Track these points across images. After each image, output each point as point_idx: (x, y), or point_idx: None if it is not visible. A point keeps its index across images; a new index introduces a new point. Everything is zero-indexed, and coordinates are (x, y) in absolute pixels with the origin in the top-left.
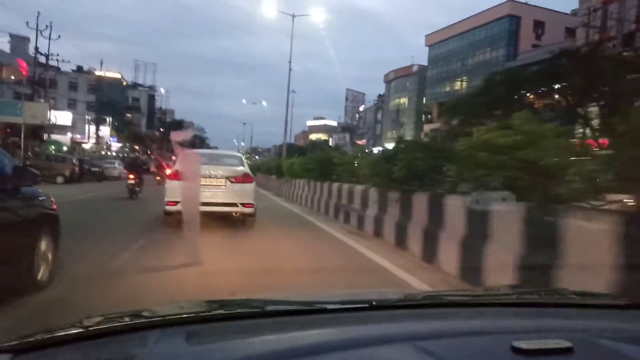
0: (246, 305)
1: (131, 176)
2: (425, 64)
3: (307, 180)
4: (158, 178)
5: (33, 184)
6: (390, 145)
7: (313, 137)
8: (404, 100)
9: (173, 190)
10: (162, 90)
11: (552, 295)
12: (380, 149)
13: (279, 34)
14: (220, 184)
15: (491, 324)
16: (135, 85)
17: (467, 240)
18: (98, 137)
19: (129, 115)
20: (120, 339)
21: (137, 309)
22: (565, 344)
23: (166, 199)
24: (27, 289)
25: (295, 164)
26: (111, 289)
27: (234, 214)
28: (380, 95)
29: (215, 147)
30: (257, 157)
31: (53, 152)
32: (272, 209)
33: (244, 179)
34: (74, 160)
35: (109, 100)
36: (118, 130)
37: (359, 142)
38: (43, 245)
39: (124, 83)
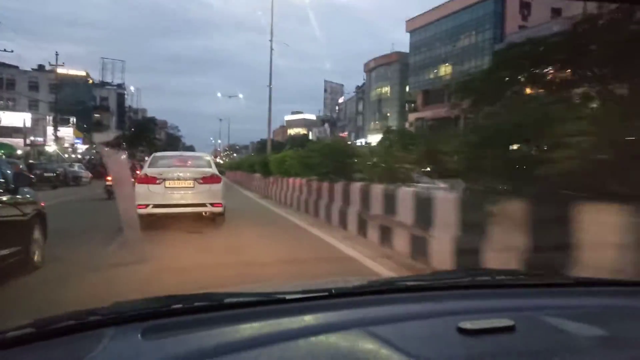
0: (204, 298)
1: (109, 178)
2: (406, 52)
3: (307, 180)
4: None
5: (28, 186)
6: (374, 137)
7: (292, 131)
8: (385, 90)
9: (142, 193)
10: (132, 89)
11: (503, 276)
12: (363, 141)
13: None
14: (188, 185)
15: (440, 307)
16: (103, 84)
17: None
18: (57, 138)
19: (97, 115)
20: (75, 338)
21: (92, 307)
22: (508, 322)
23: (137, 203)
24: (27, 268)
25: (288, 158)
26: (90, 274)
27: (203, 213)
28: (358, 86)
29: (191, 146)
30: (234, 154)
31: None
32: (262, 217)
33: (211, 179)
34: (21, 165)
35: (74, 99)
36: (84, 131)
37: (340, 134)
38: (36, 234)
39: (90, 81)
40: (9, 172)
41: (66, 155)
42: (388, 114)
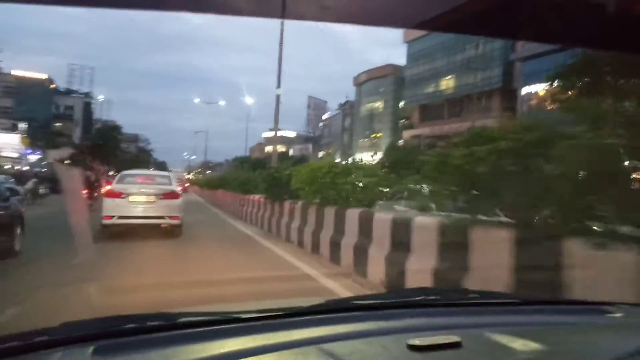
0: (158, 318)
1: (84, 191)
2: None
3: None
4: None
5: (15, 195)
6: (362, 155)
7: (269, 149)
8: (377, 105)
9: (109, 206)
10: (100, 98)
11: (453, 294)
12: (351, 159)
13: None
14: (150, 200)
15: (391, 324)
16: (68, 92)
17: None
18: None
19: (57, 124)
20: (21, 359)
21: (40, 328)
22: (455, 338)
23: (103, 214)
24: (11, 253)
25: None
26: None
27: (161, 225)
28: (341, 103)
29: (163, 162)
30: (209, 171)
31: None
32: None
33: (171, 195)
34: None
35: (31, 105)
36: (37, 140)
37: (322, 152)
38: (18, 230)
39: (53, 86)
40: (5, 186)
41: (7, 166)
42: (379, 132)
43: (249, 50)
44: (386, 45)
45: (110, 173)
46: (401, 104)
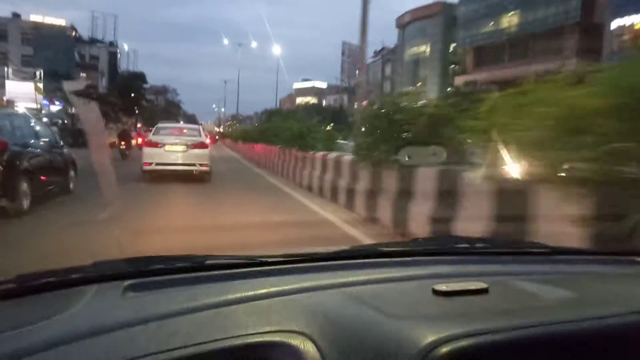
0: (186, 259)
1: (122, 142)
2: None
3: None
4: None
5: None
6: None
7: (300, 100)
8: (423, 49)
9: (148, 154)
10: (126, 47)
11: (480, 243)
12: None
13: (261, 2)
14: (183, 150)
15: (416, 271)
16: (93, 41)
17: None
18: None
19: (83, 74)
20: (58, 294)
21: (76, 265)
22: (481, 285)
23: (143, 161)
24: (67, 191)
25: None
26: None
27: (193, 171)
28: (377, 51)
29: (193, 115)
30: (237, 124)
31: None
32: None
33: (200, 145)
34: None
35: (53, 54)
36: (57, 90)
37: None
38: (72, 172)
39: (73, 33)
40: (57, 137)
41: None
42: (425, 79)
43: (277, 2)
44: None
45: (139, 125)
46: (452, 46)
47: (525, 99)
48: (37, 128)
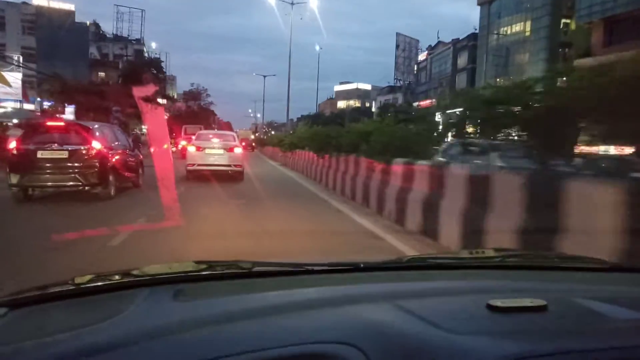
0: (234, 266)
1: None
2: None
3: None
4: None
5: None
6: None
7: (342, 104)
8: (519, 28)
9: (191, 156)
10: (154, 45)
11: (534, 257)
12: None
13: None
14: (220, 153)
15: (469, 285)
16: (117, 38)
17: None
18: None
19: (101, 74)
20: (110, 296)
21: (128, 268)
22: (540, 302)
23: (187, 162)
24: (136, 186)
25: None
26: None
27: (229, 172)
28: (431, 46)
29: (228, 122)
30: (272, 131)
31: None
32: None
33: (235, 149)
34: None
35: (60, 44)
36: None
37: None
38: (140, 171)
39: (87, 23)
40: (129, 140)
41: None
42: (524, 65)
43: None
44: None
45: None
46: (561, 23)
47: None
48: (118, 135)
